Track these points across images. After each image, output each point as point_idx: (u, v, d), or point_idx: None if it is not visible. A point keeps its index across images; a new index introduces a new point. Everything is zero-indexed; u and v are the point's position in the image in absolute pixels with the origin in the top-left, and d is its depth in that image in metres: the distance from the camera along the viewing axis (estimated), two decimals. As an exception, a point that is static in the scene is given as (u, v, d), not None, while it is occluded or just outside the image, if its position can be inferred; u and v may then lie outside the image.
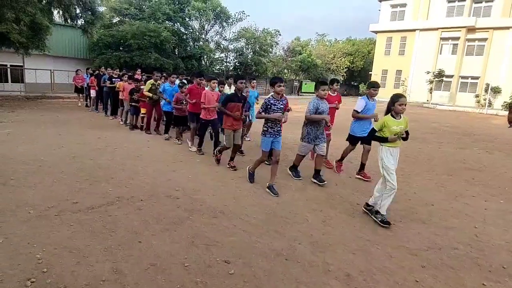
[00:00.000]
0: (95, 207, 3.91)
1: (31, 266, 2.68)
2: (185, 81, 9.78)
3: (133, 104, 9.32)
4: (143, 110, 9.32)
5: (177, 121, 7.99)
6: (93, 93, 13.02)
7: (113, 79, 11.28)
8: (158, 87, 8.80)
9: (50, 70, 20.42)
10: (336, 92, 6.47)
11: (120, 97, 10.49)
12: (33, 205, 3.84)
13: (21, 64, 20.50)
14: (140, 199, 4.24)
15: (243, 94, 5.90)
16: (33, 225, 3.38)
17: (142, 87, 9.48)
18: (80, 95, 15.10)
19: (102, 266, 2.73)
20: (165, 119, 8.96)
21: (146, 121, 9.11)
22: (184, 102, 7.57)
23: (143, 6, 26.34)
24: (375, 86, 5.54)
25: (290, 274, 2.81)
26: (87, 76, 14.01)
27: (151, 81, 8.85)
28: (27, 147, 6.60)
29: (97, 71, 13.37)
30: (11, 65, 20.26)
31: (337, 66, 43.09)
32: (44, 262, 2.73)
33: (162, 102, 8.49)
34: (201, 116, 6.66)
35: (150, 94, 8.63)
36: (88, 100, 14.25)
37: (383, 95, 19.24)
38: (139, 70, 13.33)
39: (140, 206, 4.02)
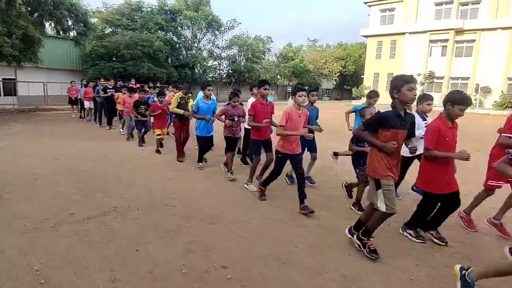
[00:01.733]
0: (92, 217, 3.92)
1: (29, 278, 2.68)
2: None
3: (141, 119, 8.30)
4: (157, 131, 7.89)
5: (230, 144, 5.78)
6: (87, 104, 12.99)
7: (108, 90, 11.25)
8: (188, 101, 7.16)
9: (43, 82, 20.37)
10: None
11: (118, 108, 10.41)
12: (29, 217, 3.84)
13: (14, 77, 20.43)
14: (136, 208, 4.26)
15: (407, 113, 3.17)
16: (29, 237, 3.38)
17: (153, 98, 9.07)
18: (74, 106, 15.08)
19: (100, 276, 2.74)
20: (197, 147, 6.94)
21: (176, 145, 7.12)
22: (236, 119, 5.69)
23: (135, 17, 26.55)
24: None
25: (287, 277, 2.84)
26: (82, 87, 14.01)
27: (179, 94, 7.09)
28: (21, 160, 6.58)
29: (94, 83, 13.38)
30: (3, 78, 20.18)
31: (329, 71, 43.55)
32: (42, 274, 2.74)
33: (196, 124, 6.34)
34: (278, 149, 4.46)
35: (181, 112, 6.80)
36: (82, 111, 14.23)
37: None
38: (133, 80, 13.35)
39: (136, 215, 4.03)
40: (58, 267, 2.84)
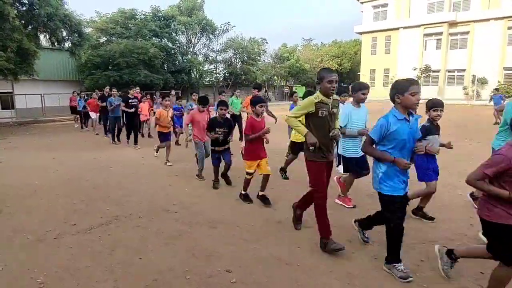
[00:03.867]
0: (94, 227, 3.91)
1: (33, 291, 2.68)
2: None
3: (219, 149, 5.35)
4: (249, 165, 4.57)
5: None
6: (93, 115, 12.73)
7: (130, 101, 9.12)
8: (335, 111, 3.31)
9: (40, 94, 20.39)
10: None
11: (159, 130, 7.35)
12: (31, 230, 3.83)
13: (11, 91, 20.46)
14: (138, 216, 4.25)
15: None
16: (32, 250, 3.37)
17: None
18: (77, 115, 14.85)
19: (104, 286, 2.73)
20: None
21: (305, 202, 3.78)
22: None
23: (129, 25, 26.61)
24: None
25: (291, 278, 2.83)
26: (80, 100, 14.02)
27: (316, 96, 3.21)
28: (21, 173, 6.57)
29: (101, 93, 12.47)
30: (0, 92, 20.21)
31: (325, 69, 43.52)
32: (46, 287, 2.73)
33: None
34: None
35: (303, 131, 3.23)
36: (84, 121, 14.17)
37: (373, 95, 19.46)
38: (138, 88, 12.43)
39: (138, 223, 4.03)
40: (62, 279, 2.83)
